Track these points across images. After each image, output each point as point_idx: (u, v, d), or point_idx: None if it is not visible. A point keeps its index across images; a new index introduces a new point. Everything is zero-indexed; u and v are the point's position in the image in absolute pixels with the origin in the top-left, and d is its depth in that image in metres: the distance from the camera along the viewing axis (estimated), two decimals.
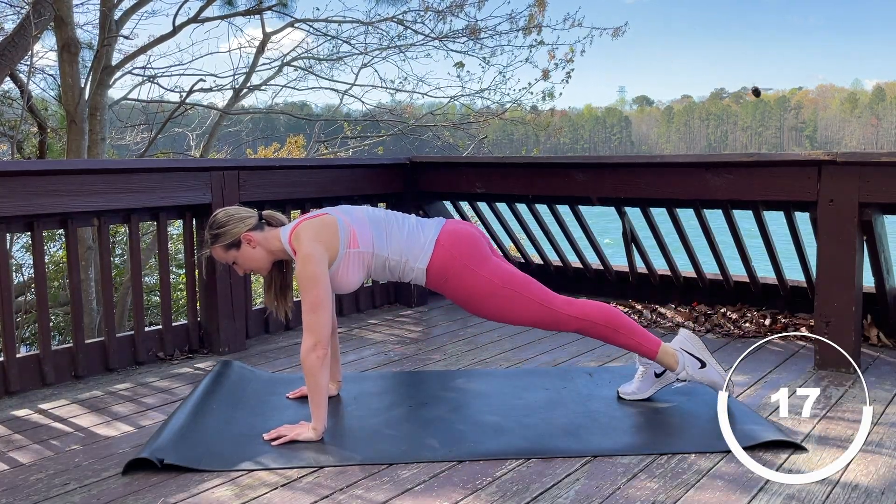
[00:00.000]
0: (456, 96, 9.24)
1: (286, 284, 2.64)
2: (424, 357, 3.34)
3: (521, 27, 8.62)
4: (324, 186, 3.91)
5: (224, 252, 2.48)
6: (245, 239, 2.45)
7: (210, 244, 2.49)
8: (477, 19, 8.50)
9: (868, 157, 2.93)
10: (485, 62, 8.80)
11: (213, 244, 2.47)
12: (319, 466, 2.15)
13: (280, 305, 2.63)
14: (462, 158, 4.87)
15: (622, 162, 3.68)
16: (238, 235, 2.45)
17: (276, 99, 9.18)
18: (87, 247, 6.35)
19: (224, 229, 2.45)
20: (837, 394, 2.75)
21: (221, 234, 2.46)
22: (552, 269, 4.49)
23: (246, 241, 2.46)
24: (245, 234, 2.45)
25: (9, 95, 8.09)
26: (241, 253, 2.47)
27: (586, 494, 1.97)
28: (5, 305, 2.80)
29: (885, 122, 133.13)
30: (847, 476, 2.07)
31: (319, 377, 2.29)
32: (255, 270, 2.53)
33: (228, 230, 2.45)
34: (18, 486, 2.07)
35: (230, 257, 2.49)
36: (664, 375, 2.61)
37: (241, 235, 2.45)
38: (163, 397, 2.81)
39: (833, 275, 3.00)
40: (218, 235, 2.46)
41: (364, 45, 8.79)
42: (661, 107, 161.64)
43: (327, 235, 2.40)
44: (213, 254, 2.51)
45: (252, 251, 2.47)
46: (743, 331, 3.64)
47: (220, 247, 2.47)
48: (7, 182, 2.75)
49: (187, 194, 3.29)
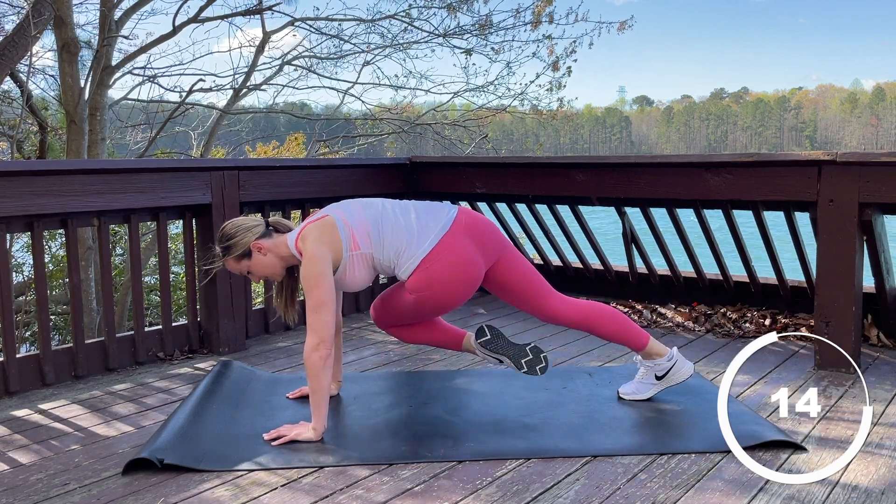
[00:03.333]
0: (459, 91, 9.23)
1: (295, 289, 2.66)
2: (424, 357, 3.34)
3: (527, 21, 8.62)
4: (324, 186, 3.91)
5: (237, 263, 2.50)
6: (255, 247, 2.48)
7: (222, 257, 2.52)
8: (483, 14, 8.51)
9: (868, 157, 2.93)
10: (494, 53, 8.78)
11: (225, 256, 2.50)
12: (319, 466, 2.15)
13: (289, 311, 2.65)
14: (462, 158, 4.87)
15: (622, 162, 3.68)
16: (248, 245, 2.47)
17: (276, 98, 9.17)
18: (87, 247, 6.35)
19: (233, 241, 2.47)
20: (837, 394, 2.75)
21: (231, 245, 2.48)
22: (552, 269, 4.50)
23: (256, 250, 2.48)
24: (255, 243, 2.47)
25: (9, 95, 8.09)
26: (253, 262, 2.49)
27: (586, 494, 1.97)
28: (5, 305, 2.80)
29: (885, 122, 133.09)
30: (847, 476, 2.07)
31: (322, 377, 2.29)
32: (269, 277, 2.56)
33: (238, 241, 2.47)
34: (18, 486, 2.07)
35: (243, 267, 2.51)
36: (666, 378, 2.61)
37: (251, 245, 2.47)
38: (163, 397, 2.81)
39: (833, 275, 3.00)
40: (229, 248, 2.48)
41: (366, 44, 8.78)
42: (661, 107, 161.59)
43: (330, 238, 2.42)
44: (227, 266, 2.53)
45: (263, 258, 2.49)
46: (743, 331, 3.64)
47: (232, 258, 2.50)
48: (7, 182, 2.75)
49: (187, 194, 3.29)
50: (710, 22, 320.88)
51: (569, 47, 8.99)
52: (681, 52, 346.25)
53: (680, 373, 2.61)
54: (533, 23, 8.59)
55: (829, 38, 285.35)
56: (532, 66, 8.79)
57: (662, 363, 2.60)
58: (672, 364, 2.60)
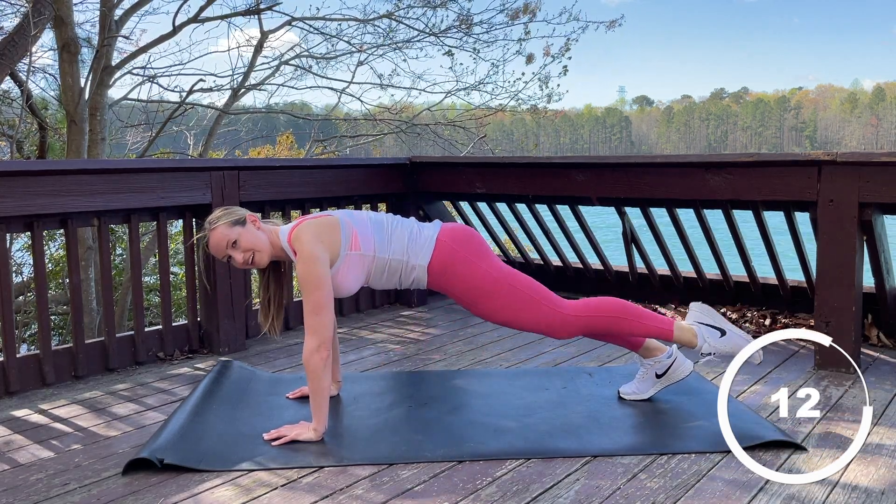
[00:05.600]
0: (453, 91, 9.26)
1: (281, 293, 2.58)
2: (424, 357, 3.34)
3: (512, 14, 8.66)
4: (324, 186, 3.91)
5: (228, 228, 2.38)
6: (251, 219, 2.45)
7: (213, 224, 2.41)
8: (469, 12, 8.55)
9: (868, 157, 2.93)
10: (475, 52, 8.83)
11: (218, 223, 2.40)
12: (319, 466, 2.15)
13: (275, 324, 2.55)
14: (462, 158, 4.87)
15: (622, 162, 3.68)
16: (244, 216, 2.44)
17: (274, 98, 9.19)
18: (87, 247, 6.35)
19: (228, 210, 2.44)
20: (837, 394, 2.75)
21: (225, 213, 2.42)
22: (552, 269, 4.50)
23: (251, 221, 2.44)
24: (251, 215, 2.45)
25: (9, 95, 8.09)
26: (245, 230, 2.40)
27: (586, 494, 1.97)
28: (5, 305, 2.80)
29: (885, 122, 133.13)
30: (847, 476, 2.07)
31: (322, 379, 2.29)
32: (255, 256, 2.42)
33: (233, 210, 2.44)
34: (18, 486, 2.07)
35: (232, 235, 2.38)
36: (666, 376, 2.62)
37: (247, 216, 2.45)
38: (163, 397, 2.81)
39: (833, 275, 3.00)
40: (221, 216, 2.41)
41: (360, 43, 8.80)
42: (661, 107, 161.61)
43: (329, 236, 2.39)
44: (214, 237, 2.40)
45: (256, 232, 2.43)
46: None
47: (225, 224, 2.39)
48: (7, 182, 2.75)
49: (187, 194, 3.29)
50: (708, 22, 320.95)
51: (563, 46, 9.04)
52: (681, 52, 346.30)
53: (680, 370, 2.61)
54: (514, 14, 8.62)
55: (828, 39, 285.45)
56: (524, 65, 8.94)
57: (662, 360, 2.61)
58: (672, 361, 2.60)
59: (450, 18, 8.64)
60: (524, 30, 8.86)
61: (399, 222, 2.54)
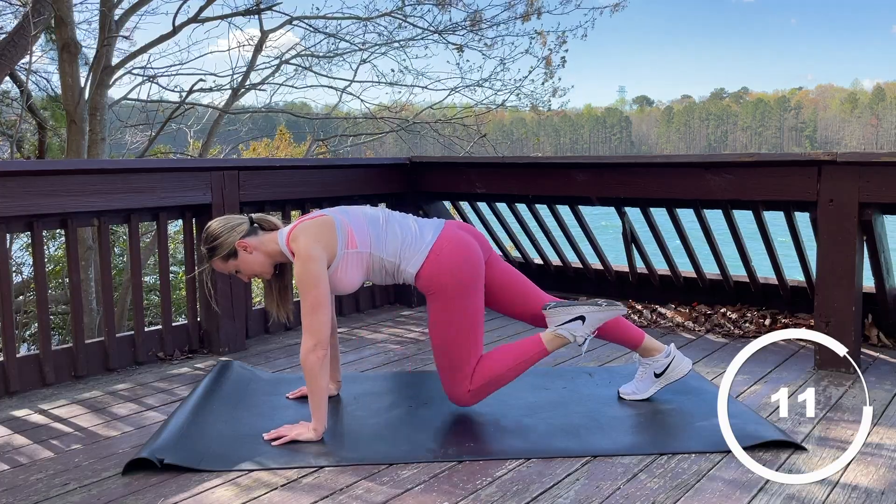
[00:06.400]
0: (457, 87, 9.25)
1: (285, 287, 2.64)
2: (424, 357, 3.34)
3: (519, 15, 8.66)
4: (324, 186, 3.91)
5: (223, 263, 2.49)
6: (241, 246, 2.46)
7: (208, 259, 2.50)
8: (476, 9, 8.54)
9: (868, 157, 2.93)
10: (486, 48, 8.83)
11: (212, 258, 2.49)
12: (319, 466, 2.15)
13: (281, 309, 2.63)
14: (462, 158, 4.87)
15: (622, 162, 3.68)
16: (233, 245, 2.45)
17: (274, 97, 9.19)
18: (87, 247, 6.35)
19: (218, 241, 2.46)
20: (837, 394, 2.75)
21: (216, 246, 2.46)
22: (552, 269, 4.50)
23: (242, 248, 2.46)
24: (240, 242, 2.45)
25: (8, 95, 8.10)
26: (240, 260, 2.48)
27: (586, 494, 1.97)
28: (5, 305, 2.80)
29: (885, 122, 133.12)
30: (847, 476, 2.07)
31: (319, 378, 2.29)
32: (258, 275, 2.54)
33: (223, 241, 2.45)
34: (18, 486, 2.07)
35: (231, 267, 2.50)
36: (664, 375, 2.62)
37: (236, 244, 2.45)
38: (163, 397, 2.81)
39: (833, 275, 3.00)
40: (214, 248, 2.47)
41: (363, 42, 8.79)
42: (661, 107, 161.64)
43: (325, 236, 2.40)
44: (214, 266, 2.52)
45: (250, 257, 2.47)
46: (743, 331, 3.65)
47: (219, 259, 2.48)
48: (7, 182, 2.75)
49: (187, 194, 3.29)
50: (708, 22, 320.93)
51: (561, 37, 9.04)
52: (681, 53, 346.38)
53: (678, 369, 2.61)
54: (524, 15, 8.63)
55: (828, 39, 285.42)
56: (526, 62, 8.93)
57: (660, 359, 2.61)
58: (670, 360, 2.61)
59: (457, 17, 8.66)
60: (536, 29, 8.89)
61: (395, 219, 2.53)
